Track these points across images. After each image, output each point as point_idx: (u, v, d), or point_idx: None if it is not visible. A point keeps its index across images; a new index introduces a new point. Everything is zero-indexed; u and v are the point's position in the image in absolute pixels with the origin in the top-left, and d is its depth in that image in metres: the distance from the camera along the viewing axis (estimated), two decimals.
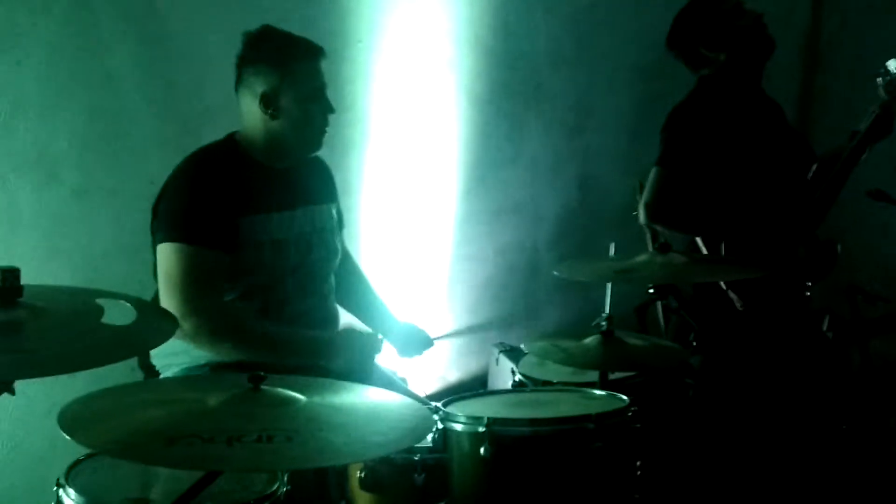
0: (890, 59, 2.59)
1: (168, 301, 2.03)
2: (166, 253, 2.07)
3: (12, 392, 1.30)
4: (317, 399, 1.40)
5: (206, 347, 2.05)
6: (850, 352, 3.85)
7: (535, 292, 3.53)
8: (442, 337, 2.70)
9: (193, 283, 2.03)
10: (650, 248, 2.56)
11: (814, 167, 2.64)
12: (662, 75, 3.53)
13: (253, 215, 2.13)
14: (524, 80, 3.42)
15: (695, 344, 2.17)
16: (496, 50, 3.33)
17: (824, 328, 3.48)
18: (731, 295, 2.32)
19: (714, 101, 2.59)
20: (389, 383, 2.19)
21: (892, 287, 3.72)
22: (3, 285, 1.31)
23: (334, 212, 2.40)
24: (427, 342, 2.51)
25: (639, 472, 1.80)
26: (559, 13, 3.43)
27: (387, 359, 2.49)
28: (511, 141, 3.43)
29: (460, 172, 3.34)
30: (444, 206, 3.34)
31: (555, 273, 2.38)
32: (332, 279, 2.34)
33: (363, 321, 2.54)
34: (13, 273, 1.32)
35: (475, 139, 3.35)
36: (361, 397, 1.51)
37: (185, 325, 1.96)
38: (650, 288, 2.21)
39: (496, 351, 3.07)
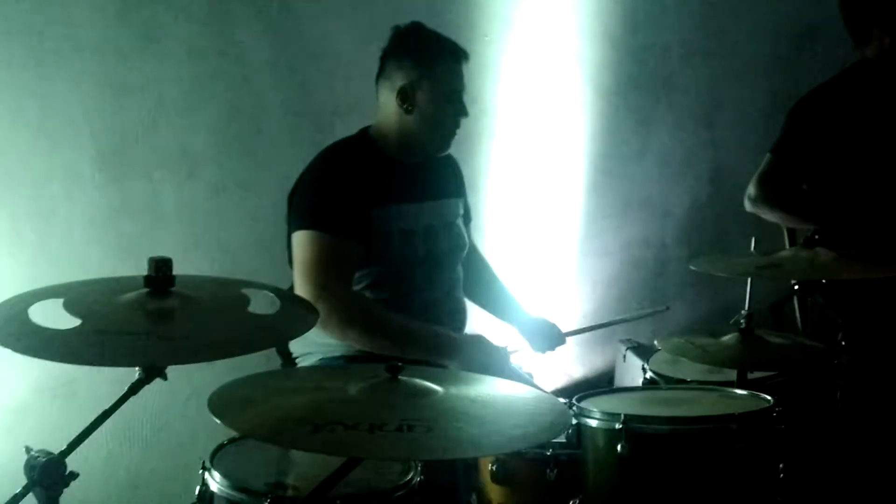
0: None
1: (301, 286, 2.08)
2: (300, 240, 2.12)
3: (165, 377, 1.34)
4: (453, 390, 1.40)
5: (335, 334, 2.08)
6: None
7: (663, 288, 3.46)
8: (574, 332, 2.66)
9: (326, 268, 2.07)
10: (787, 244, 2.47)
11: None
12: (796, 67, 3.42)
13: (382, 206, 2.16)
14: (653, 72, 3.35)
15: (843, 343, 2.07)
16: (624, 42, 3.28)
17: None
18: None
19: (856, 89, 2.46)
20: (519, 378, 2.17)
21: None
22: (156, 275, 1.37)
23: (462, 206, 2.42)
24: (560, 338, 2.49)
25: (781, 476, 1.73)
26: (690, 4, 3.36)
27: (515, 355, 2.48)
28: (638, 134, 3.37)
29: (586, 166, 3.31)
30: (571, 201, 3.31)
31: (691, 268, 2.32)
32: (460, 271, 2.35)
33: (493, 313, 2.55)
34: (166, 263, 1.37)
35: (602, 133, 3.31)
36: (497, 390, 1.50)
37: (318, 309, 2.01)
38: (795, 284, 2.12)
39: (623, 347, 3.02)
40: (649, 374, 2.33)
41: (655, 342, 2.22)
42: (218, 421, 1.24)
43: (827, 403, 2.12)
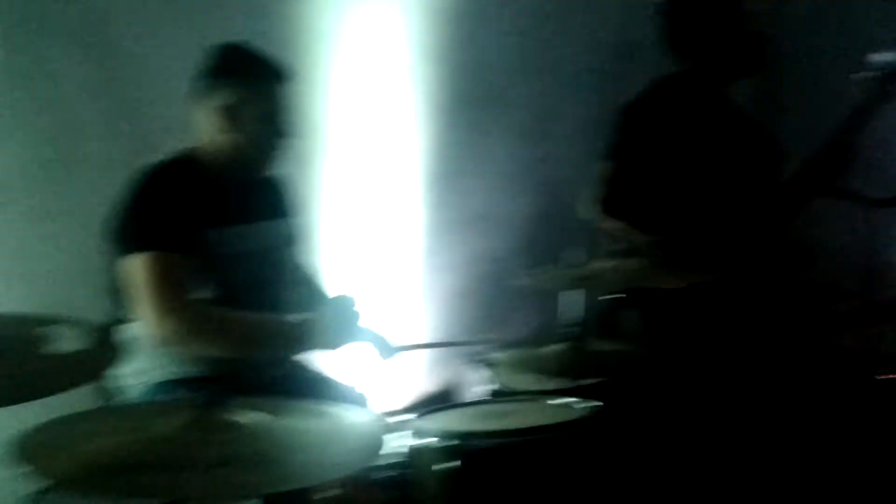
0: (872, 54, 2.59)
1: (144, 310, 1.99)
2: (133, 265, 2.02)
3: None
4: (274, 421, 1.36)
5: (191, 345, 2.01)
6: (823, 349, 3.88)
7: (507, 301, 3.51)
8: (415, 347, 2.65)
9: (165, 287, 1.98)
10: (608, 253, 2.53)
11: (792, 169, 2.61)
12: (622, 80, 3.55)
13: (206, 228, 2.09)
14: (485, 89, 3.41)
15: (661, 348, 2.14)
16: (457, 58, 3.31)
17: (797, 326, 3.50)
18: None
19: (675, 98, 2.53)
20: (345, 400, 2.14)
21: (863, 283, 3.76)
22: None
23: (290, 227, 2.36)
24: (390, 348, 2.46)
25: (610, 479, 1.78)
26: (518, 23, 3.43)
27: (347, 375, 2.45)
28: (476, 149, 3.41)
29: (425, 182, 3.32)
30: (412, 217, 3.31)
31: (518, 283, 2.34)
32: (288, 294, 2.30)
33: None
34: None
35: (439, 148, 3.33)
36: (318, 417, 1.47)
37: (165, 326, 1.94)
38: (615, 293, 2.18)
39: (467, 361, 3.04)
40: (489, 388, 2.35)
41: (494, 355, 2.25)
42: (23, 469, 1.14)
43: (648, 405, 2.19)
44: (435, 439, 1.68)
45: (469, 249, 3.44)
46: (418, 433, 1.71)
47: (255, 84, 2.15)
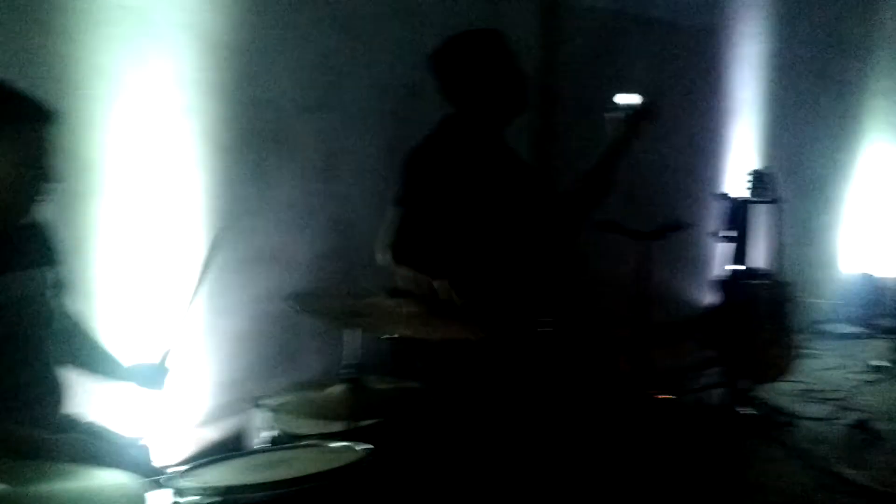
0: (620, 94, 2.78)
1: None
2: None
3: None
4: (15, 492, 1.27)
5: None
6: (593, 374, 4.09)
7: (294, 341, 3.46)
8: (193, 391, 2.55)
9: None
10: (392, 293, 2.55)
11: (554, 205, 2.74)
12: (405, 120, 3.63)
13: None
14: (269, 126, 3.37)
15: (431, 384, 2.17)
16: (236, 96, 3.26)
17: (569, 353, 3.67)
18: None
19: (455, 142, 2.60)
20: (124, 455, 2.02)
21: (634, 309, 4.01)
22: None
23: (51, 275, 2.22)
24: (163, 371, 2.36)
25: None
26: (302, 61, 3.43)
27: (127, 428, 2.32)
28: (257, 188, 3.36)
29: (206, 222, 3.22)
30: (192, 258, 3.20)
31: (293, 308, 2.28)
32: (51, 346, 2.15)
33: (96, 374, 2.36)
34: None
35: (220, 187, 3.25)
36: (70, 482, 1.38)
37: None
38: (395, 334, 2.17)
39: (252, 406, 2.96)
40: (268, 434, 2.30)
41: (268, 400, 2.20)
42: None
43: (422, 443, 2.21)
44: (196, 498, 1.61)
45: (254, 290, 3.37)
46: (179, 492, 1.64)
47: (8, 126, 2.00)
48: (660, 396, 4.45)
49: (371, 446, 1.81)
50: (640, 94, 2.78)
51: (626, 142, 2.72)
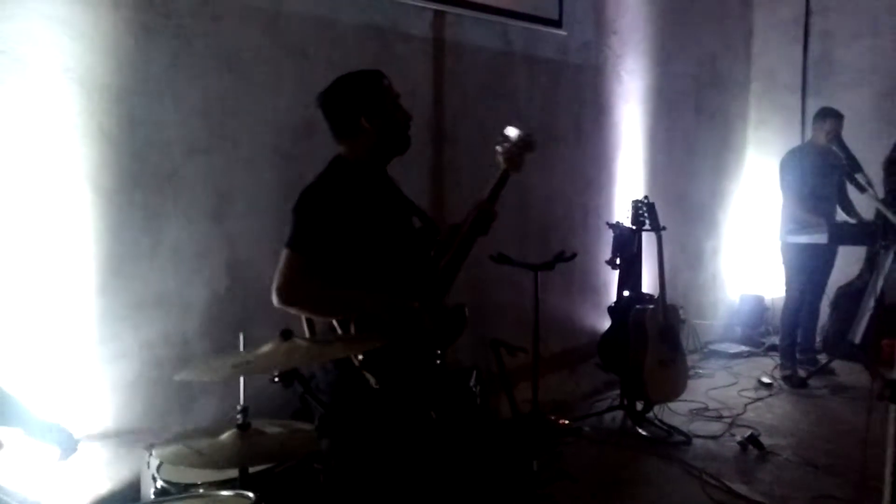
0: (507, 127, 2.86)
1: None
2: None
3: None
4: None
5: None
6: (497, 401, 4.15)
7: (188, 387, 3.40)
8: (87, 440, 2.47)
9: None
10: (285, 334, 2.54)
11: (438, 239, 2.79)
12: (298, 159, 3.64)
13: None
14: (156, 169, 3.32)
15: (324, 427, 2.16)
16: (123, 140, 3.21)
17: (472, 383, 3.71)
18: (367, 375, 2.31)
19: (344, 181, 2.62)
20: None
21: (531, 337, 4.08)
22: None
23: None
24: (73, 442, 2.29)
25: None
26: (191, 102, 3.40)
27: (20, 479, 2.24)
28: (148, 231, 3.30)
29: (95, 268, 3.15)
30: (80, 304, 3.12)
31: (175, 378, 2.24)
32: None
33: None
34: None
35: (108, 233, 3.18)
36: None
37: None
38: (275, 376, 2.16)
39: (147, 454, 2.89)
40: (160, 484, 2.25)
41: (158, 450, 2.15)
42: None
43: (311, 488, 2.20)
44: None
45: (147, 335, 3.30)
46: None
47: None
48: (560, 422, 4.54)
49: (257, 494, 1.79)
50: (527, 129, 2.87)
51: (508, 173, 2.83)
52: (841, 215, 5.64)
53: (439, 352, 2.52)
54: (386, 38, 4.17)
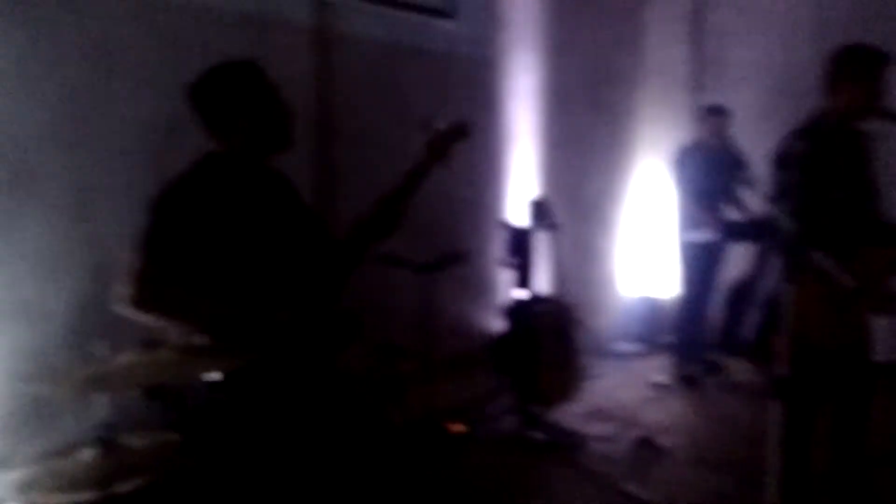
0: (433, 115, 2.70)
1: None
2: None
3: None
4: None
5: None
6: (390, 409, 4.00)
7: (48, 403, 3.12)
8: None
9: None
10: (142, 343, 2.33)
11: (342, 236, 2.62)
12: (166, 156, 3.39)
13: None
14: (12, 166, 3.04)
15: (196, 440, 1.99)
16: None
17: (362, 391, 3.55)
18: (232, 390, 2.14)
19: (213, 179, 2.43)
20: None
21: (421, 342, 3.94)
22: None
23: None
24: None
25: None
26: (42, 96, 3.13)
27: None
28: (5, 234, 3.02)
29: None
30: None
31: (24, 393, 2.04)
32: None
33: None
34: None
35: None
36: None
37: None
38: (140, 390, 1.98)
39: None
40: None
41: (14, 473, 1.94)
42: None
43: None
44: None
45: (11, 344, 3.02)
46: None
47: None
48: (452, 428, 4.41)
49: None
50: (426, 125, 2.72)
51: (430, 164, 2.66)
52: (733, 213, 5.71)
53: (329, 360, 2.35)
54: (265, 28, 3.97)
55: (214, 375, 2.14)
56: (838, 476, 3.29)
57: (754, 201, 5.47)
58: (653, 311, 7.03)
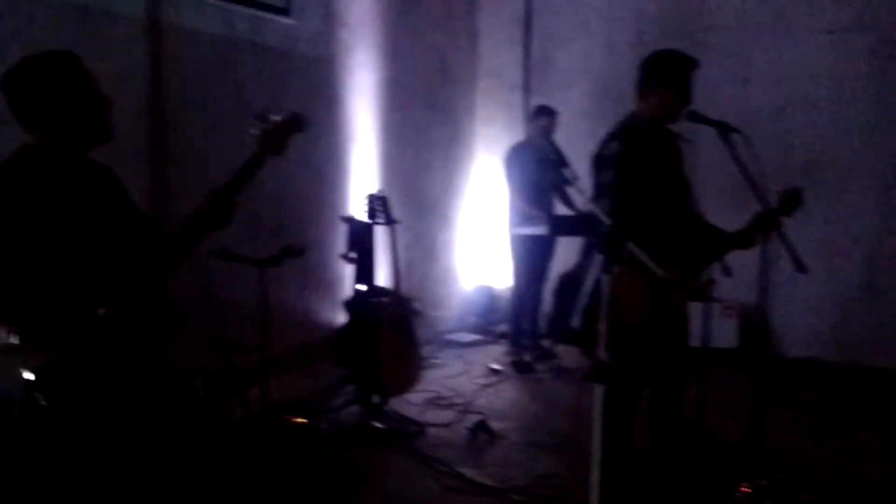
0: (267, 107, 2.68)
1: None
2: None
3: None
4: None
5: None
6: (229, 404, 3.98)
7: None
8: None
9: None
10: None
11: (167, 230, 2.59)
12: None
13: None
14: None
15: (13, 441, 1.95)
16: None
17: (197, 386, 3.51)
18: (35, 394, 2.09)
19: (24, 173, 2.36)
20: None
21: (262, 336, 3.95)
22: None
23: None
24: None
25: None
26: None
27: None
28: None
29: None
30: None
31: None
32: None
33: None
34: None
35: None
36: None
37: None
38: None
39: None
40: None
41: None
42: None
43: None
44: None
45: None
46: None
47: None
48: (294, 420, 4.44)
49: None
50: (261, 118, 2.71)
51: (264, 156, 2.63)
52: (562, 207, 6.00)
53: (154, 354, 2.34)
54: (92, 18, 3.85)
55: (28, 374, 2.09)
56: (657, 452, 3.55)
57: (580, 197, 5.76)
58: (490, 301, 7.28)
